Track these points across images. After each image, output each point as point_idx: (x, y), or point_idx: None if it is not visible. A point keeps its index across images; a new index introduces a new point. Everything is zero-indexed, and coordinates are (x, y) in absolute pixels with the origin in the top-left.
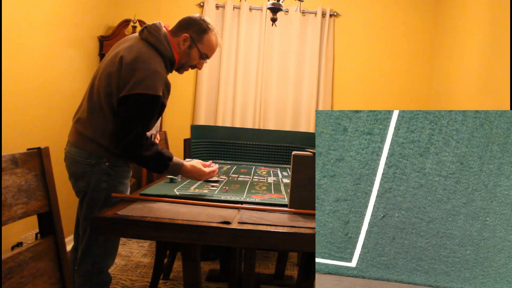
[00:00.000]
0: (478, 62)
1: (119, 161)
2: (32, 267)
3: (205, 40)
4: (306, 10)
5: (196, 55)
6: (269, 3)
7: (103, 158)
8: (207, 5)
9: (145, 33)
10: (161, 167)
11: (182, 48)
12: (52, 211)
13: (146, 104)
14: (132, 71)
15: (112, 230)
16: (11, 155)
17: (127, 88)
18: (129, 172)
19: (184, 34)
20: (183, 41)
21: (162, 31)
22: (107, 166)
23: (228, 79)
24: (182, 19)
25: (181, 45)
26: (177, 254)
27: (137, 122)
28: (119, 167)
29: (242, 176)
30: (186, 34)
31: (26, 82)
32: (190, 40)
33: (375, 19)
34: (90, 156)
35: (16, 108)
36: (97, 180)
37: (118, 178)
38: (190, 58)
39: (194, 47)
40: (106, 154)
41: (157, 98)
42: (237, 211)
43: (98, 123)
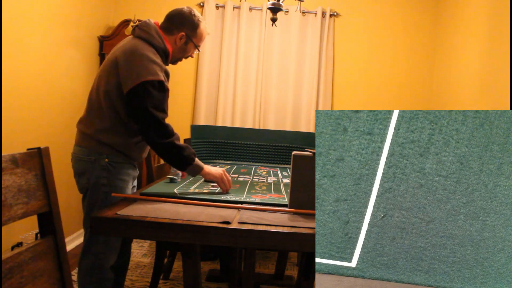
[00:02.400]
0: (478, 62)
1: (119, 158)
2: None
3: (198, 34)
4: (306, 10)
5: (192, 48)
6: (269, 3)
7: (103, 155)
8: (207, 5)
9: (137, 31)
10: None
11: (178, 44)
12: (52, 211)
13: (154, 90)
14: (131, 64)
15: (112, 230)
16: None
17: (131, 81)
18: (131, 169)
19: (180, 33)
20: (180, 39)
21: (152, 26)
22: (107, 163)
23: (228, 79)
24: (172, 14)
25: (178, 42)
26: (177, 254)
27: (153, 109)
28: (118, 163)
29: (242, 176)
30: (182, 33)
31: (26, 82)
32: (186, 37)
33: (375, 19)
34: (90, 153)
35: (16, 108)
36: (97, 176)
37: (117, 174)
38: (185, 52)
39: (190, 42)
40: (106, 151)
41: (162, 83)
42: (237, 211)
43: (97, 120)
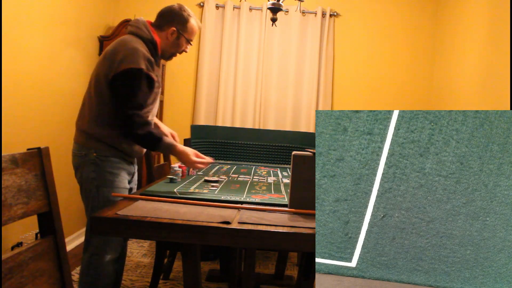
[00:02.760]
0: (478, 62)
1: (108, 152)
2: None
3: (188, 28)
4: (306, 10)
5: (184, 43)
6: (269, 3)
7: (91, 149)
8: (207, 5)
9: (128, 28)
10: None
11: (170, 40)
12: (52, 211)
13: (132, 78)
14: (115, 54)
15: (112, 230)
16: (11, 155)
17: (113, 69)
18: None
19: (171, 28)
20: (171, 34)
21: (141, 21)
22: (95, 157)
23: (228, 79)
24: (163, 11)
25: (169, 38)
26: (177, 254)
27: (128, 97)
28: (106, 157)
29: (242, 176)
30: (173, 28)
31: (26, 82)
32: (177, 32)
33: (375, 19)
34: (82, 148)
35: (16, 108)
36: (87, 170)
37: (106, 167)
38: (178, 47)
39: (181, 37)
40: (94, 145)
41: (140, 71)
42: (237, 211)
43: (87, 112)
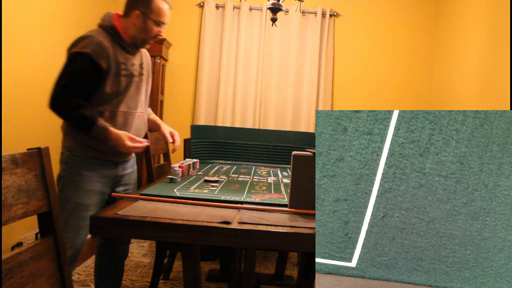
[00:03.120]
0: (478, 62)
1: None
2: (32, 267)
3: (154, 9)
4: (306, 10)
5: (153, 26)
6: (269, 3)
7: (65, 148)
8: (207, 5)
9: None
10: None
11: (138, 25)
12: (52, 211)
13: (71, 61)
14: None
15: (112, 230)
16: (11, 155)
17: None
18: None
19: (134, 12)
20: (137, 18)
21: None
22: (67, 156)
23: (228, 79)
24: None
25: (136, 23)
26: (177, 254)
27: (62, 76)
28: (77, 156)
29: (242, 176)
30: (136, 11)
31: (26, 82)
32: (142, 15)
33: (375, 19)
34: (62, 148)
35: (16, 108)
36: (60, 169)
37: (75, 167)
38: (148, 31)
39: (148, 20)
40: (69, 144)
41: (81, 54)
42: (237, 211)
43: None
